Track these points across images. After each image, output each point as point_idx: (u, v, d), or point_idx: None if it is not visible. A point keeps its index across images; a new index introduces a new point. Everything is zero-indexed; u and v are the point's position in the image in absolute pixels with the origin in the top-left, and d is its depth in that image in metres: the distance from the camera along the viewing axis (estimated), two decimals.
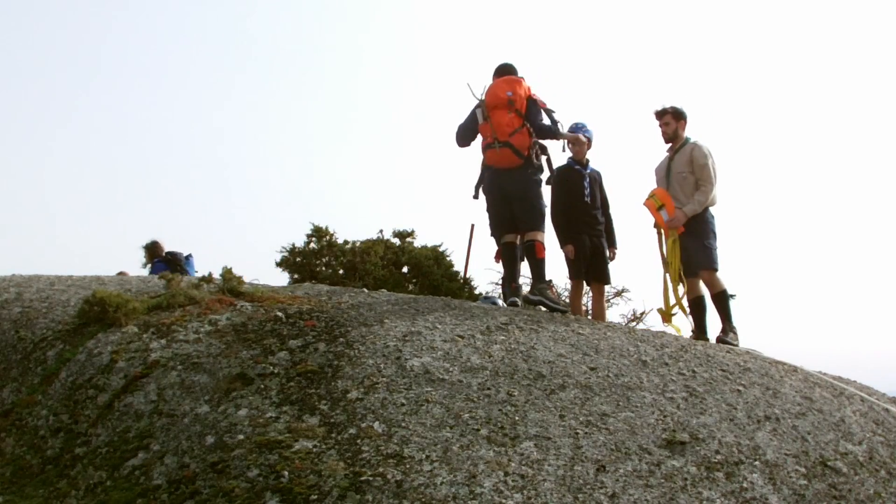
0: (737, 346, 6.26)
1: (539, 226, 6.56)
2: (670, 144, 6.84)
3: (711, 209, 6.68)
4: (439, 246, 12.52)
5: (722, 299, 6.52)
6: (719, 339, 6.34)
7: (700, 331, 6.59)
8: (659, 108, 6.82)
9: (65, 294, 6.07)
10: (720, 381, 4.65)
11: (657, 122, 6.84)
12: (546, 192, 6.84)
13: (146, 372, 4.46)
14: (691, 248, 6.57)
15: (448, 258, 12.49)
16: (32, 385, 4.68)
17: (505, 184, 6.58)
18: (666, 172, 6.78)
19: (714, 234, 6.65)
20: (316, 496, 3.25)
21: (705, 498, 3.41)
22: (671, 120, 6.75)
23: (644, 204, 6.80)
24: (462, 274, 11.18)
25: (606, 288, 8.15)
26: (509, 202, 6.59)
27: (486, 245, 7.77)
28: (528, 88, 6.61)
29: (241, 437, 3.73)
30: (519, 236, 6.79)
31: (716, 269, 6.55)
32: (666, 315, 6.75)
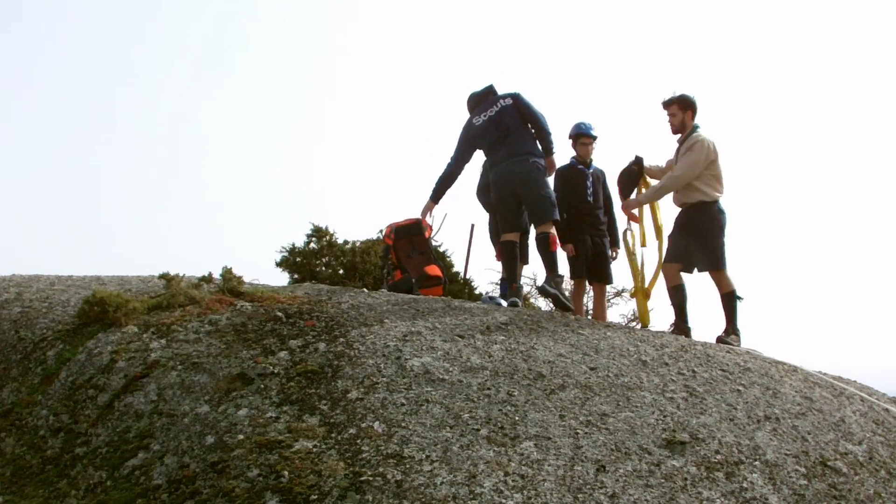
0: (736, 347, 6.21)
1: (550, 217, 6.45)
2: (679, 135, 6.65)
3: (721, 203, 6.47)
4: (439, 246, 12.52)
5: (730, 300, 6.37)
6: (720, 340, 6.30)
7: (682, 320, 6.45)
8: (666, 98, 6.63)
9: (65, 294, 6.08)
10: (720, 381, 4.65)
11: (665, 113, 6.65)
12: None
13: (146, 372, 4.46)
14: (696, 247, 6.41)
15: (448, 258, 12.49)
16: (32, 385, 4.68)
17: (513, 180, 6.52)
18: (675, 161, 6.67)
19: (721, 230, 6.44)
20: (316, 496, 3.25)
21: (705, 498, 3.41)
22: (678, 110, 6.55)
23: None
24: (462, 274, 11.18)
25: (607, 288, 8.16)
26: (517, 197, 6.55)
27: (486, 245, 7.78)
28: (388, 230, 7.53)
29: (241, 437, 3.73)
30: (520, 235, 6.75)
31: (723, 269, 6.37)
32: (641, 293, 6.69)
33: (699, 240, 6.41)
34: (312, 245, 12.42)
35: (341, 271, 12.09)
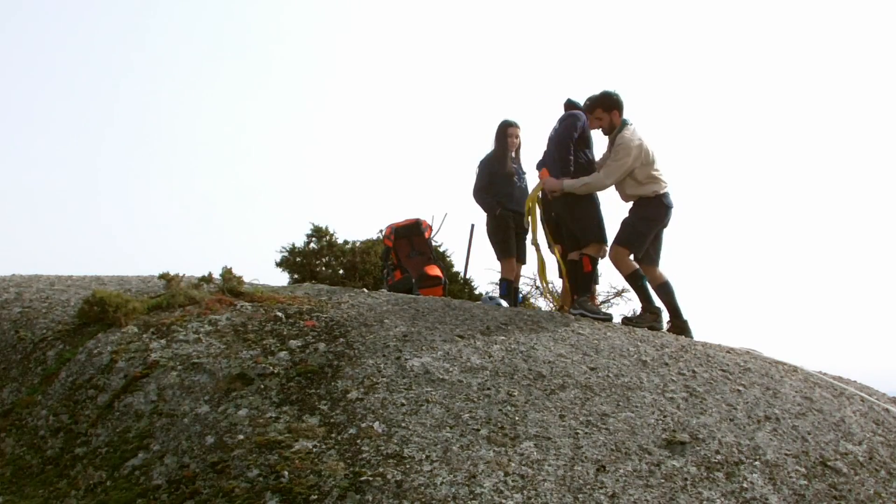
0: (647, 327, 5.96)
1: (591, 240, 6.31)
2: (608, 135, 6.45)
3: (667, 198, 6.25)
4: (439, 246, 12.52)
5: (634, 280, 6.24)
6: (626, 321, 6.15)
7: (676, 317, 6.40)
8: (587, 103, 6.43)
9: (65, 294, 6.08)
10: (720, 381, 4.65)
11: (590, 119, 6.43)
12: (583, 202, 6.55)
13: (146, 372, 4.46)
14: (622, 221, 6.34)
15: (448, 258, 12.49)
16: (32, 385, 4.68)
17: (554, 206, 6.49)
18: (606, 160, 6.44)
19: (651, 221, 6.24)
20: (316, 496, 3.25)
21: (705, 498, 3.41)
22: (602, 113, 6.30)
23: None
24: (462, 274, 11.18)
25: (607, 287, 8.15)
26: (563, 223, 6.52)
27: (486, 245, 7.76)
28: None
29: (241, 437, 3.73)
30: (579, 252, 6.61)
31: (626, 250, 6.19)
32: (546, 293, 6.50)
33: (627, 217, 6.31)
34: (312, 245, 12.42)
35: (341, 271, 12.08)
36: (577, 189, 6.25)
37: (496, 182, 7.29)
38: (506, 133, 7.32)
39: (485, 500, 3.18)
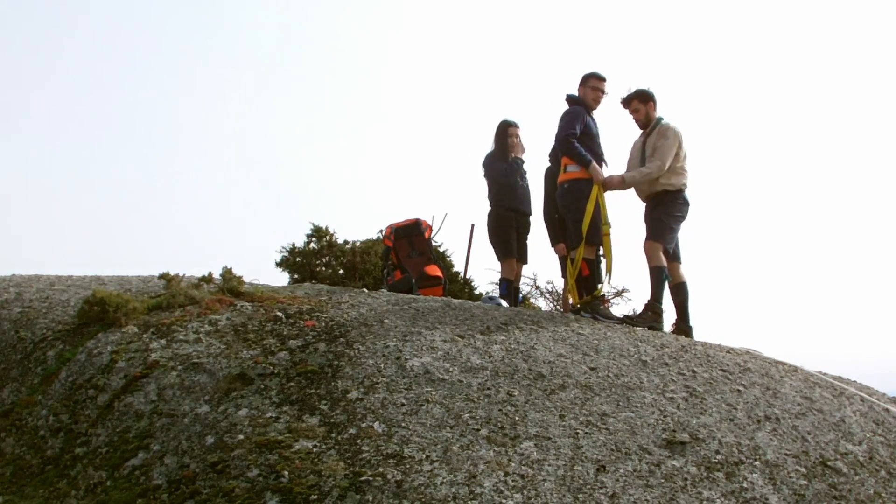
0: (646, 326, 5.96)
1: (578, 243, 6.34)
2: (645, 129, 6.59)
3: (686, 194, 6.40)
4: (439, 246, 12.51)
5: (657, 274, 6.25)
6: (625, 318, 6.19)
7: (683, 320, 6.37)
8: (624, 96, 6.58)
9: (65, 294, 6.08)
10: (720, 381, 4.65)
11: (627, 111, 6.59)
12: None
13: (146, 372, 4.46)
14: (649, 218, 6.41)
15: (448, 258, 12.49)
16: (32, 385, 4.69)
17: (558, 204, 6.58)
18: (640, 154, 6.54)
19: (678, 217, 6.39)
20: (316, 496, 3.25)
21: (705, 498, 3.41)
22: (639, 105, 6.50)
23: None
24: (462, 274, 11.17)
25: (607, 287, 8.12)
26: (567, 220, 6.56)
27: (486, 245, 7.77)
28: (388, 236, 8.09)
29: (241, 437, 3.73)
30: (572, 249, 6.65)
31: (660, 244, 6.25)
32: (572, 291, 6.52)
33: (655, 212, 6.39)
34: (312, 245, 12.41)
35: (341, 271, 12.08)
36: (638, 181, 6.38)
37: (500, 182, 7.29)
38: (506, 133, 7.33)
39: (485, 500, 3.18)
